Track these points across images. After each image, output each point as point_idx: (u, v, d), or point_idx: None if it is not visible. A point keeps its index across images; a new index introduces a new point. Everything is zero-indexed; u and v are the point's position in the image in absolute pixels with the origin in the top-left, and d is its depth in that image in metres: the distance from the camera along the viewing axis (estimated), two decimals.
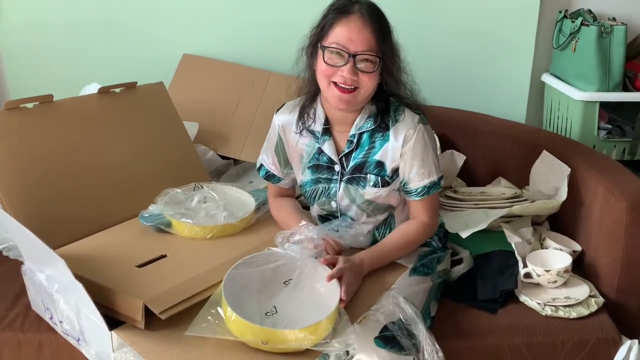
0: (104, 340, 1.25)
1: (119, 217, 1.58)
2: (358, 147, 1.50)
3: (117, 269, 1.35)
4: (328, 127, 1.52)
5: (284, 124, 1.56)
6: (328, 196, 1.54)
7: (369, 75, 1.39)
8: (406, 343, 1.25)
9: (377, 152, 1.48)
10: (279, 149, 1.59)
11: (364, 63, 1.37)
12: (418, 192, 1.48)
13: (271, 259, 1.35)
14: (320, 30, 1.42)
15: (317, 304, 1.26)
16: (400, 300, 1.33)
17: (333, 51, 1.38)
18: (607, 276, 1.59)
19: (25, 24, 2.34)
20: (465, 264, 1.67)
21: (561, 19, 2.24)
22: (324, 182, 1.53)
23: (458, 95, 2.30)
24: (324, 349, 1.18)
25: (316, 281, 1.32)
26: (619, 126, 2.21)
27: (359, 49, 1.36)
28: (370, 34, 1.37)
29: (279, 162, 1.60)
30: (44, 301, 1.41)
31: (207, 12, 2.31)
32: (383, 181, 1.48)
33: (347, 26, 1.37)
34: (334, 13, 1.40)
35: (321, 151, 1.52)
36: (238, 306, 1.19)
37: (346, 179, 1.51)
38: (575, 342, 1.44)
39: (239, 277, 1.29)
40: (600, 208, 1.62)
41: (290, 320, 1.23)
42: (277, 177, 1.62)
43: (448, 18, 2.28)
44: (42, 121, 1.60)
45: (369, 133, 1.49)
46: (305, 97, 1.52)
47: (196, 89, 2.23)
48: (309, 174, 1.55)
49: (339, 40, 1.37)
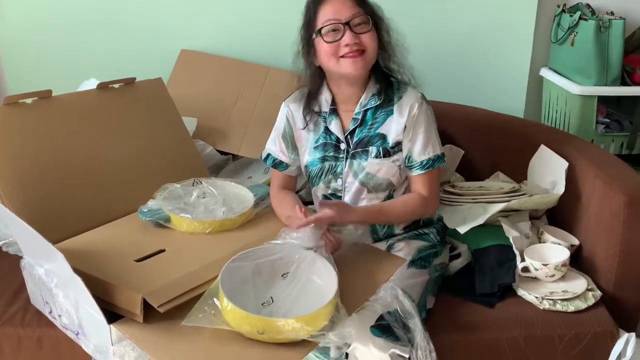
0: (103, 333, 1.26)
1: (118, 212, 1.58)
2: (362, 124, 1.55)
3: (116, 263, 1.35)
4: (335, 107, 1.58)
5: (293, 111, 1.61)
6: (334, 174, 1.58)
7: (368, 35, 1.46)
8: (401, 334, 1.26)
9: (380, 125, 1.54)
10: (286, 134, 1.63)
11: (359, 26, 1.46)
12: (423, 164, 1.53)
13: (269, 252, 1.36)
14: (307, 24, 1.50)
15: (314, 295, 1.26)
16: (398, 293, 1.34)
17: (328, 29, 1.45)
18: (604, 270, 1.59)
19: (24, 19, 2.34)
20: (464, 258, 1.68)
21: (559, 13, 2.24)
22: (330, 160, 1.58)
23: (456, 90, 2.30)
24: (320, 340, 1.18)
25: (313, 273, 1.32)
26: (617, 120, 2.21)
27: (349, 15, 1.45)
28: (351, 1, 1.46)
29: (287, 147, 1.64)
30: (43, 295, 1.42)
31: (205, 7, 2.31)
32: (384, 151, 1.53)
33: (330, 3, 1.46)
34: (313, 2, 1.49)
35: (328, 130, 1.57)
36: (234, 297, 1.20)
37: (351, 155, 1.55)
38: (573, 335, 1.44)
39: (236, 270, 1.30)
40: (598, 202, 1.63)
41: (287, 310, 1.23)
42: (284, 164, 1.65)
43: (446, 12, 2.28)
44: (40, 116, 1.60)
45: (372, 110, 1.54)
46: (308, 95, 1.58)
47: (194, 85, 2.23)
48: (316, 153, 1.59)
49: (328, 17, 1.45)
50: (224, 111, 2.18)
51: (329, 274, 1.30)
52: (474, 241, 1.72)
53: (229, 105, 2.19)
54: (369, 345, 1.23)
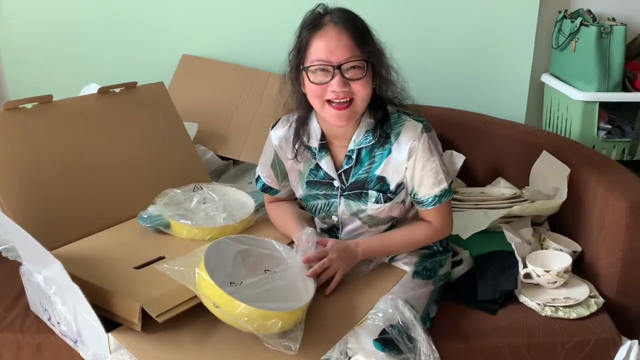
0: (101, 342, 1.25)
1: (118, 217, 1.58)
2: (358, 164, 1.45)
3: (115, 270, 1.34)
4: (325, 142, 1.46)
5: (281, 142, 1.51)
6: (328, 212, 1.52)
7: (360, 82, 1.32)
8: (405, 347, 1.25)
9: (378, 167, 1.43)
10: (276, 164, 1.55)
11: (352, 71, 1.31)
12: (429, 202, 1.44)
13: (266, 246, 1.37)
14: (297, 52, 1.36)
15: (283, 299, 1.25)
16: (399, 304, 1.32)
17: (316, 69, 1.32)
18: (607, 277, 1.59)
19: (25, 24, 2.34)
20: (465, 264, 1.67)
21: (561, 19, 2.24)
22: (323, 198, 1.50)
23: (457, 96, 2.30)
24: (267, 342, 1.17)
25: (293, 281, 1.32)
26: (618, 126, 2.21)
27: (342, 59, 1.30)
28: (349, 39, 1.30)
29: (276, 176, 1.57)
30: (42, 302, 1.41)
31: (207, 12, 2.31)
32: (385, 197, 1.44)
33: (323, 39, 1.31)
34: (307, 30, 1.34)
35: (319, 167, 1.48)
36: (211, 266, 1.22)
37: (346, 195, 1.47)
38: (575, 342, 1.43)
39: (228, 246, 1.33)
40: (600, 208, 1.62)
41: (247, 297, 1.20)
42: (274, 190, 1.60)
43: (447, 18, 2.28)
44: (41, 121, 1.60)
45: (368, 148, 1.43)
46: (298, 122, 1.47)
47: (195, 90, 2.23)
48: (307, 190, 1.52)
49: (319, 56, 1.31)
50: (225, 116, 2.18)
51: (307, 289, 1.30)
52: (475, 247, 1.71)
53: (230, 111, 2.19)
54: (372, 359, 1.22)
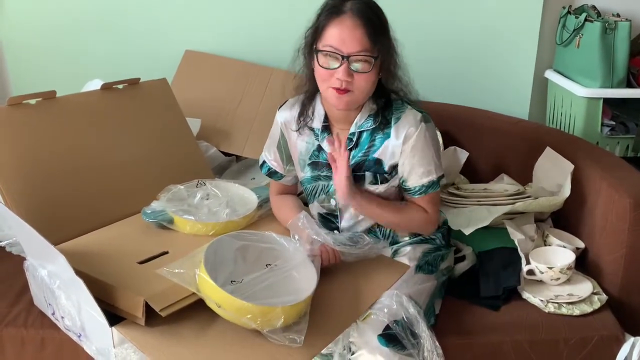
0: (104, 336, 1.25)
1: (122, 213, 1.58)
2: (357, 146, 1.48)
3: (119, 265, 1.35)
4: (327, 124, 1.50)
5: (287, 121, 1.54)
6: (327, 194, 1.53)
7: (364, 76, 1.36)
8: (408, 343, 1.25)
9: (376, 150, 1.46)
10: (281, 145, 1.58)
11: (359, 64, 1.34)
12: (416, 190, 1.47)
13: (266, 239, 1.38)
14: (314, 31, 1.39)
15: (285, 293, 1.26)
16: (403, 299, 1.33)
17: (327, 54, 1.35)
18: (610, 273, 1.58)
19: (28, 20, 2.34)
20: (468, 260, 1.67)
21: (565, 14, 2.23)
22: (323, 180, 1.52)
23: (461, 92, 2.29)
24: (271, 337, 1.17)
25: (295, 273, 1.33)
26: (622, 123, 2.20)
27: (352, 50, 1.33)
28: (363, 33, 1.33)
29: (281, 158, 1.59)
30: (46, 297, 1.41)
31: (210, 8, 2.31)
32: (381, 178, 1.47)
33: (339, 27, 1.34)
34: (326, 13, 1.37)
35: (320, 149, 1.51)
36: (212, 267, 1.23)
37: None
38: (578, 339, 1.43)
39: (227, 243, 1.33)
40: (604, 205, 1.62)
41: (250, 295, 1.22)
42: (279, 174, 1.62)
43: (451, 14, 2.27)
44: (45, 117, 1.60)
45: (369, 132, 1.47)
46: (305, 96, 1.51)
47: (198, 86, 2.22)
48: (308, 171, 1.54)
49: (331, 43, 1.34)
50: (228, 112, 2.18)
51: (309, 280, 1.30)
52: (478, 244, 1.71)
53: (233, 106, 2.19)
54: (376, 354, 1.22)
